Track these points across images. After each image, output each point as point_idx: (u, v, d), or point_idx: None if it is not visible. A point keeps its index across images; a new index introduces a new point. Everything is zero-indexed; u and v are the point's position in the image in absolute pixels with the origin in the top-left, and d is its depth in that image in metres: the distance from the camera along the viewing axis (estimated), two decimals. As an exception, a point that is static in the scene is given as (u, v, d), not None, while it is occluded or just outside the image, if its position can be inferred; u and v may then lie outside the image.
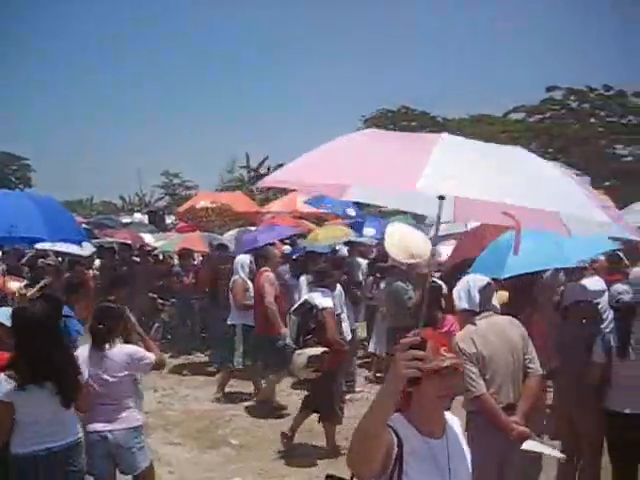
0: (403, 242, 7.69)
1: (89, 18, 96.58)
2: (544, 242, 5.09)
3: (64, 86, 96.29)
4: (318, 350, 6.72)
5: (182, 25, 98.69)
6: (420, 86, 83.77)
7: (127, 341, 5.03)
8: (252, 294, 9.10)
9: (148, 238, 16.10)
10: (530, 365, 4.58)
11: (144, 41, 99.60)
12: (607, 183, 36.97)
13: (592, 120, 43.44)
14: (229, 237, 14.40)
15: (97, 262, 13.37)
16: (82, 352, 4.81)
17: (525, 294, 5.48)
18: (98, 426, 4.78)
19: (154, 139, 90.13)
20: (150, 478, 5.09)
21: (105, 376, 4.77)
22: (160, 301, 12.31)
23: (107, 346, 4.81)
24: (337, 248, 11.28)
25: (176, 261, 13.92)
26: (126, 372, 4.82)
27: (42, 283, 6.70)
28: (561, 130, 42.18)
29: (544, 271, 6.13)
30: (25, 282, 7.32)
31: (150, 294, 12.23)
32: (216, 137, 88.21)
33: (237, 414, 8.63)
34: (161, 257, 14.80)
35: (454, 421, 2.75)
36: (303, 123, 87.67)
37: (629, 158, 42.69)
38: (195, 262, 13.27)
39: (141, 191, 50.60)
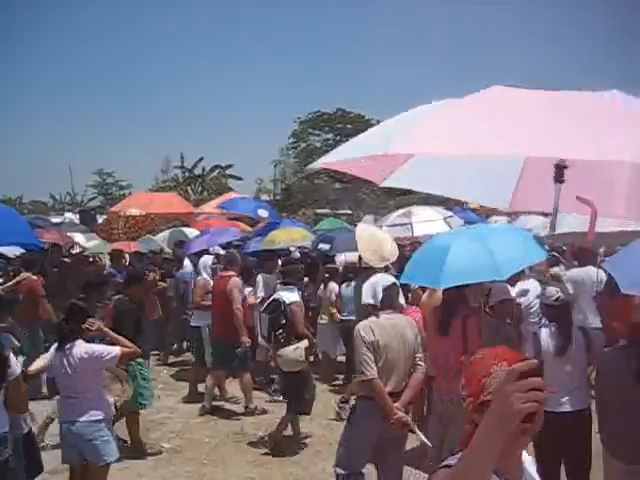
0: (373, 246, 7.81)
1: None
2: (479, 253, 5.21)
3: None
4: (306, 343, 7.15)
5: (116, 23, 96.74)
6: (356, 89, 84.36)
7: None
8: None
9: (79, 238, 15.78)
10: (419, 362, 5.13)
11: (77, 35, 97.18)
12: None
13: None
14: (162, 238, 14.25)
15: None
16: (51, 349, 5.10)
17: (459, 298, 5.58)
18: (65, 418, 5.07)
19: (86, 136, 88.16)
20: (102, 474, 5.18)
21: (68, 371, 4.94)
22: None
23: (69, 344, 4.98)
24: (291, 250, 11.37)
25: (107, 262, 13.68)
26: (87, 368, 4.96)
27: (19, 278, 6.77)
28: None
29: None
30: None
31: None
32: (151, 137, 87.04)
33: (170, 417, 8.52)
34: (91, 259, 14.52)
35: (528, 459, 2.35)
36: (238, 124, 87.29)
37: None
38: (126, 263, 13.07)
39: (73, 190, 49.57)
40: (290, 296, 7.32)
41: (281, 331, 7.05)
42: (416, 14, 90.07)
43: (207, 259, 9.88)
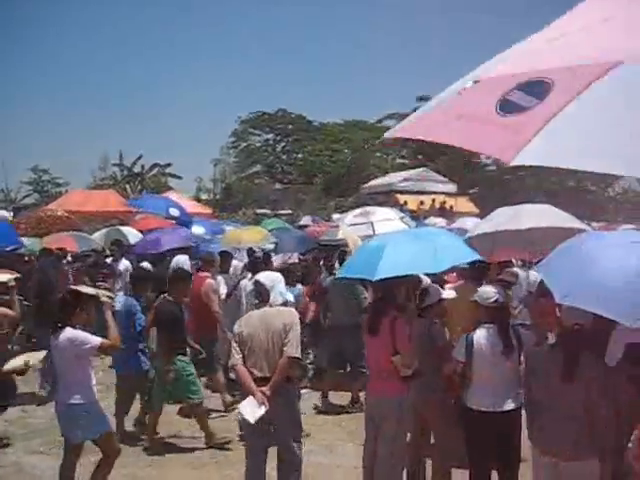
0: None
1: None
2: (416, 248, 5.41)
3: None
4: None
5: (32, 19, 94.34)
6: (297, 90, 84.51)
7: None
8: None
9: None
10: (285, 348, 5.36)
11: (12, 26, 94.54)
12: (472, 190, 38.78)
13: (459, 130, 45.33)
14: (99, 237, 14.03)
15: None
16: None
17: (388, 298, 5.63)
18: (57, 399, 5.62)
19: (20, 132, 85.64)
20: (110, 444, 5.75)
21: (57, 357, 5.47)
22: (26, 303, 11.77)
23: (59, 332, 5.42)
24: (255, 250, 11.38)
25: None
26: (70, 353, 5.40)
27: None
28: (431, 139, 43.65)
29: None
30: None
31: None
32: (88, 134, 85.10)
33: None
34: (26, 257, 14.13)
35: None
36: (178, 122, 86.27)
37: (492, 167, 44.80)
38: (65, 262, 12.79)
39: (6, 187, 48.16)
40: (288, 296, 7.53)
41: None
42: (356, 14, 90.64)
43: (183, 259, 9.79)
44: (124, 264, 11.66)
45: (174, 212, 13.80)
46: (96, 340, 5.46)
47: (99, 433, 5.62)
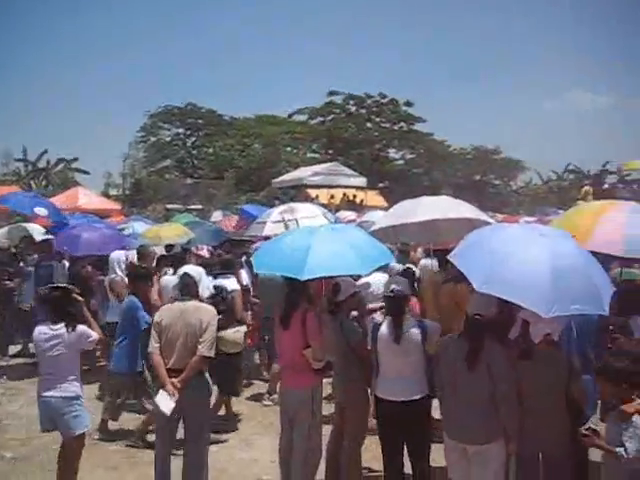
0: None
1: None
2: (342, 248, 5.42)
3: None
4: (244, 328, 7.71)
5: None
6: (207, 84, 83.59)
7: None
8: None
9: None
10: (200, 347, 5.50)
11: None
12: (381, 184, 39.45)
13: (368, 125, 46.00)
14: (1, 233, 13.60)
15: None
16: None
17: (300, 291, 5.66)
18: (43, 393, 5.57)
19: None
20: (77, 445, 5.72)
21: (53, 352, 5.50)
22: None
23: (57, 326, 5.53)
24: (173, 245, 11.39)
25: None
26: (76, 348, 5.58)
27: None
28: (341, 133, 44.16)
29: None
30: None
31: None
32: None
33: (11, 423, 8.04)
34: None
35: None
36: (84, 115, 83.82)
37: (400, 162, 45.70)
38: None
39: None
40: (230, 284, 8.01)
41: (220, 316, 7.09)
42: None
43: (120, 255, 9.66)
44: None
45: (40, 211, 12.85)
46: (95, 334, 5.69)
47: (86, 427, 5.73)
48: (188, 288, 5.80)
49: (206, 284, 6.19)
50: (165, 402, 5.40)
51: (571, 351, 5.33)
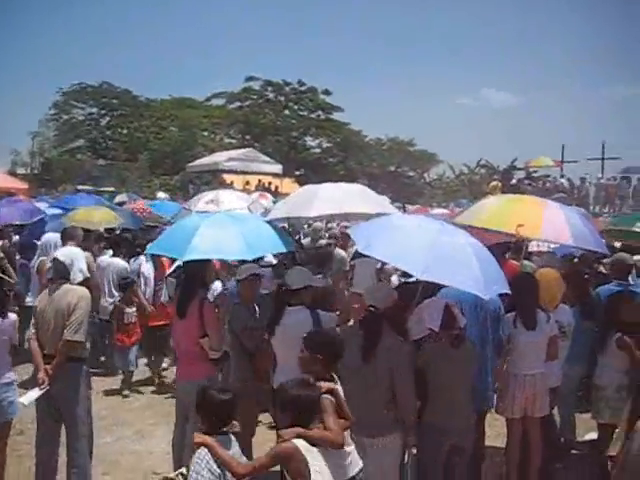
0: None
1: None
2: (235, 232, 5.47)
3: None
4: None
5: None
6: (123, 64, 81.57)
7: None
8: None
9: None
10: (65, 331, 5.36)
11: None
12: (297, 172, 39.68)
13: (286, 112, 46.09)
14: None
15: None
16: None
17: (197, 281, 5.68)
18: None
19: None
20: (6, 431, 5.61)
21: None
22: None
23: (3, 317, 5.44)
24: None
25: None
26: (7, 337, 5.47)
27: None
28: (258, 119, 44.07)
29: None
30: None
31: None
32: None
33: None
34: None
35: None
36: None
37: (317, 150, 45.97)
38: None
39: None
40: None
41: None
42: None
43: (54, 238, 9.44)
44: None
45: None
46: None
47: (16, 413, 5.59)
48: (58, 272, 5.64)
49: (79, 267, 6.07)
50: (29, 392, 5.32)
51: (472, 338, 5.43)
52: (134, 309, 9.01)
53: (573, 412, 7.04)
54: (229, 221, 5.80)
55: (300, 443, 3.57)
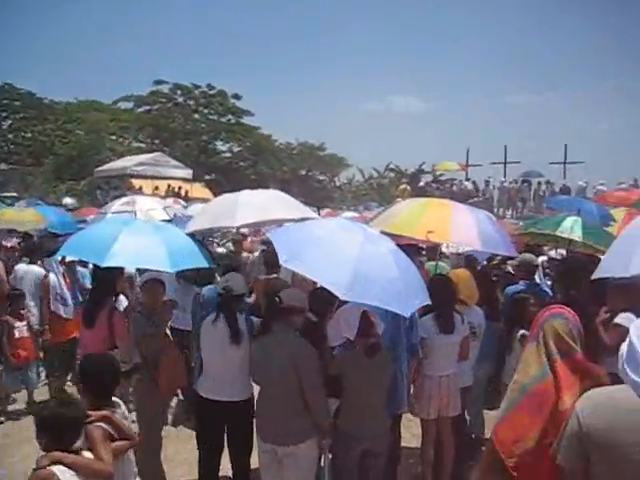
0: None
1: None
2: (157, 242, 5.32)
3: None
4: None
5: None
6: (26, 65, 78.80)
7: None
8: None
9: None
10: None
11: None
12: (208, 177, 39.32)
13: (196, 116, 45.61)
14: None
15: None
16: None
17: (108, 290, 5.60)
18: None
19: None
20: None
21: None
22: None
23: None
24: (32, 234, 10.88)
25: None
26: None
27: None
28: (167, 123, 43.45)
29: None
30: None
31: None
32: None
33: None
34: None
35: None
36: None
37: (228, 154, 45.68)
38: None
39: None
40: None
41: None
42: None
43: None
44: None
45: None
46: None
47: None
48: None
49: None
50: None
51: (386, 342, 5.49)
52: (25, 322, 8.40)
53: (482, 410, 7.27)
54: (151, 230, 5.63)
55: (59, 469, 3.32)
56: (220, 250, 10.70)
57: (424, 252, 9.15)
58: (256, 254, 10.42)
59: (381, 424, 5.00)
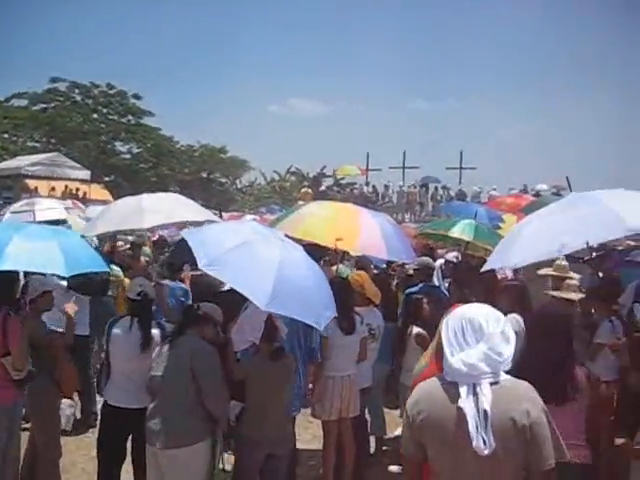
0: None
1: None
2: (46, 245, 5.14)
3: None
4: None
5: None
6: None
7: None
8: None
9: None
10: None
11: None
12: (107, 178, 38.41)
13: (95, 116, 44.44)
14: None
15: None
16: None
17: (2, 291, 5.29)
18: None
19: None
20: None
21: None
22: None
23: None
24: None
25: None
26: None
27: None
28: (64, 122, 42.14)
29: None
30: None
31: None
32: None
33: None
34: None
35: None
36: None
37: (127, 155, 44.74)
38: None
39: None
40: None
41: None
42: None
43: None
44: None
45: None
46: None
47: None
48: None
49: None
50: None
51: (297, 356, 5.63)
52: None
53: (382, 410, 7.45)
54: (48, 234, 5.46)
55: None
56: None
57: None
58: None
59: (284, 428, 5.06)
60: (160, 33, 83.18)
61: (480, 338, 2.76)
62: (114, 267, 8.07)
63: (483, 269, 5.67)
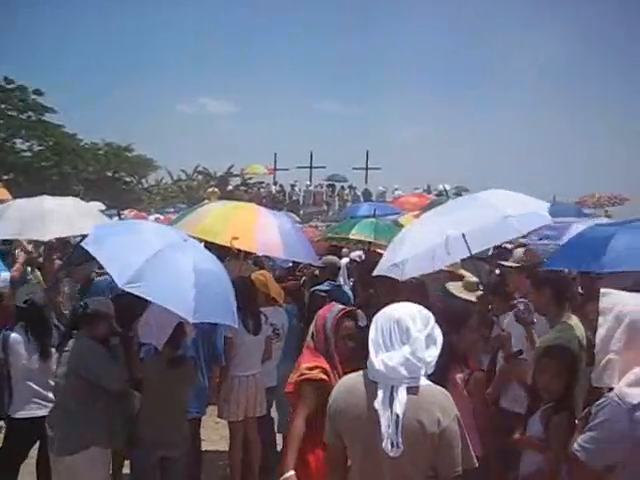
0: None
1: None
2: None
3: None
4: None
5: None
6: None
7: None
8: None
9: None
10: None
11: None
12: (6, 177, 37.02)
13: (-8, 112, 42.78)
14: None
15: None
16: None
17: None
18: None
19: None
20: None
21: None
22: None
23: None
24: None
25: None
26: None
27: None
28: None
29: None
30: None
31: None
32: None
33: None
34: None
35: None
36: None
37: (28, 153, 43.29)
38: None
39: None
40: None
41: None
42: None
43: None
44: None
45: None
46: None
47: None
48: None
49: None
50: None
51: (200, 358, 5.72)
52: None
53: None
54: None
55: None
56: None
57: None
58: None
59: (179, 432, 5.01)
60: (67, 27, 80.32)
61: (406, 341, 2.84)
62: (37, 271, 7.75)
63: (375, 273, 5.78)
